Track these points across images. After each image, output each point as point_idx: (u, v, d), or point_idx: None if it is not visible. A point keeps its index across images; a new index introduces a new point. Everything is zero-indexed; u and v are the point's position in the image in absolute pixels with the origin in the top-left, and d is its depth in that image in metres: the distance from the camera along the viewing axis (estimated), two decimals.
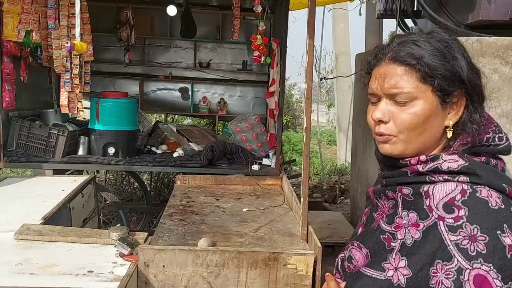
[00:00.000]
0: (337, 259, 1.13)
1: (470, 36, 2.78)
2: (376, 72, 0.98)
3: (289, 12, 3.79)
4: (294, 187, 3.06)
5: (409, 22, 4.26)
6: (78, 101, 3.54)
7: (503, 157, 0.97)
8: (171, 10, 5.00)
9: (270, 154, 3.88)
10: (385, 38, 6.28)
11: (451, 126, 0.94)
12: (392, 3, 4.38)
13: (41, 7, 3.33)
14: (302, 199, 2.16)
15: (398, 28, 4.26)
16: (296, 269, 1.94)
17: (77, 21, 1.78)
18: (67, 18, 3.33)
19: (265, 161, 3.82)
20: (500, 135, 0.96)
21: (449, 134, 0.94)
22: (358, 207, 4.87)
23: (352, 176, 5.40)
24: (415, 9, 4.08)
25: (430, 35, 0.95)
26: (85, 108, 3.80)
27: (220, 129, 5.80)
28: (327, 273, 1.12)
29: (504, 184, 0.89)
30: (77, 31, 1.81)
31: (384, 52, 0.97)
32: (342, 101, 9.31)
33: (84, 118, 3.97)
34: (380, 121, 0.97)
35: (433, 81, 0.91)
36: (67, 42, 2.84)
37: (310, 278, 1.95)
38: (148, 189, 5.33)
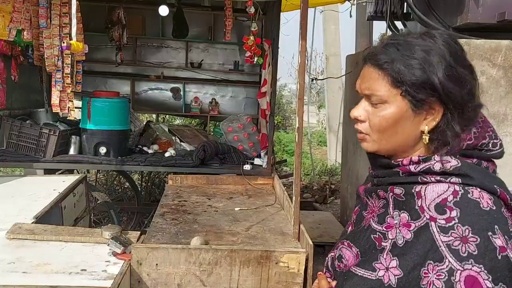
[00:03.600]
0: (327, 258, 1.13)
1: (458, 38, 2.83)
2: (361, 71, 1.01)
3: (281, 13, 3.82)
4: (285, 187, 3.08)
5: (398, 24, 4.32)
6: (69, 100, 3.52)
7: (495, 160, 0.98)
8: (163, 10, 5.00)
9: (262, 154, 3.91)
10: (375, 40, 6.35)
11: (427, 131, 0.93)
12: (382, 5, 4.43)
13: (32, 6, 3.31)
14: (294, 198, 2.18)
15: (388, 30, 4.32)
16: (288, 267, 1.97)
17: (73, 21, 1.77)
18: (59, 17, 3.31)
19: (257, 161, 3.84)
20: (495, 141, 0.96)
21: (425, 140, 0.93)
22: (348, 207, 4.92)
23: (342, 177, 5.45)
24: (404, 11, 4.14)
25: (419, 38, 0.94)
26: (76, 107, 3.79)
27: (212, 129, 5.81)
28: (319, 272, 1.12)
29: (495, 186, 0.89)
30: (73, 30, 1.81)
31: (370, 53, 0.99)
32: (333, 102, 9.36)
33: (74, 118, 3.96)
34: (357, 119, 1.00)
35: (402, 87, 0.92)
36: (63, 42, 2.83)
37: (302, 276, 1.98)
38: (139, 189, 5.32)
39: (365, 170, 4.30)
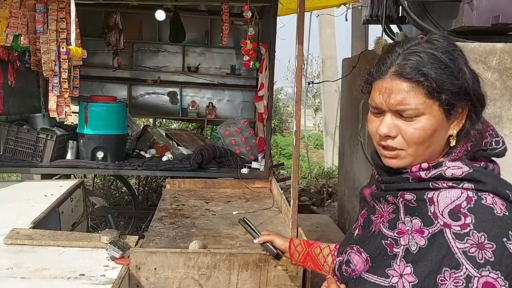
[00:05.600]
0: (334, 262, 1.13)
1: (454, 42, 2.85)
2: (379, 86, 0.95)
3: (277, 17, 3.84)
4: (283, 191, 3.09)
5: (394, 27, 4.35)
6: (67, 105, 3.53)
7: (496, 159, 0.98)
8: (160, 15, 5.02)
9: (259, 158, 3.91)
10: (371, 43, 6.38)
11: (455, 135, 0.94)
12: (377, 9, 4.45)
13: (29, 11, 3.32)
14: (292, 201, 2.19)
15: (384, 34, 4.34)
16: (286, 270, 1.97)
17: (72, 27, 1.79)
18: (55, 22, 3.32)
19: (254, 165, 3.85)
20: (497, 139, 0.97)
21: (453, 143, 0.94)
22: (346, 210, 4.92)
23: (340, 180, 5.46)
24: (400, 15, 4.17)
25: (432, 44, 0.93)
26: (73, 112, 3.79)
27: (209, 133, 5.82)
28: (328, 276, 1.12)
29: (507, 191, 0.89)
30: (72, 36, 1.82)
31: (387, 65, 0.94)
32: (329, 105, 9.39)
33: (72, 123, 3.96)
34: (387, 136, 0.95)
35: (440, 97, 0.90)
36: (62, 48, 2.84)
37: (300, 279, 1.98)
38: (136, 193, 5.31)
39: (362, 172, 4.32)
